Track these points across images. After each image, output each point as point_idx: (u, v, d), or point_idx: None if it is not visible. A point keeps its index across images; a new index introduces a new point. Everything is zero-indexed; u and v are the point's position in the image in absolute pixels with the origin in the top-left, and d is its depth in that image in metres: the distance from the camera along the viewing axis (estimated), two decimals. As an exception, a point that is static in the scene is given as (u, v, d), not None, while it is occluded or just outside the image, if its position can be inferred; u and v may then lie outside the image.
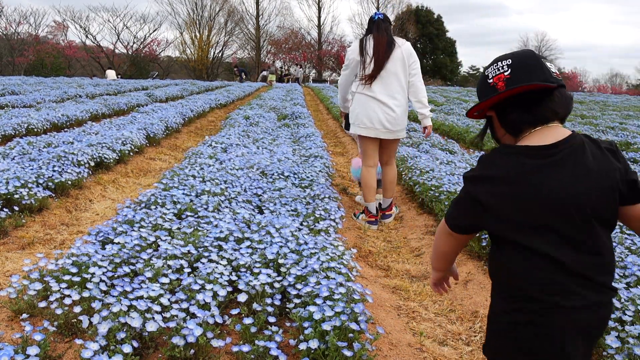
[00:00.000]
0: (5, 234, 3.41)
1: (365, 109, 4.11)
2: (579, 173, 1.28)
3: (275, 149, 6.20)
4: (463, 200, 1.38)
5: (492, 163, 1.34)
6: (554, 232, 1.27)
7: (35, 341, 1.89)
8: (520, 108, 1.35)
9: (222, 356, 2.08)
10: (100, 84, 18.44)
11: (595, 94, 33.86)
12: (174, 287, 2.41)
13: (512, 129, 1.38)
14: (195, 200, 3.62)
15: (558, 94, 1.35)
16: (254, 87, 23.55)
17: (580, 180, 1.27)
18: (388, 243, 4.02)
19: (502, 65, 1.37)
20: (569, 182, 1.27)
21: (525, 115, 1.35)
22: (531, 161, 1.28)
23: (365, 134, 4.17)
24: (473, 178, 1.35)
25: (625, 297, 2.46)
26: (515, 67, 1.35)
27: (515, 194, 1.28)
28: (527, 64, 1.35)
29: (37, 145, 5.41)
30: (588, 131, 9.57)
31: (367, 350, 1.98)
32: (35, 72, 34.94)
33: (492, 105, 1.41)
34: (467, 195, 1.36)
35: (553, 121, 1.35)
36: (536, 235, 1.27)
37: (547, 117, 1.34)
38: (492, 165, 1.34)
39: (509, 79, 1.34)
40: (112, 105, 10.79)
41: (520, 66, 1.35)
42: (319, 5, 47.44)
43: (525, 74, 1.33)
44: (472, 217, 1.36)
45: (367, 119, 4.10)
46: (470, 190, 1.35)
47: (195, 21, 45.02)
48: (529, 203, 1.27)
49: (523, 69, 1.34)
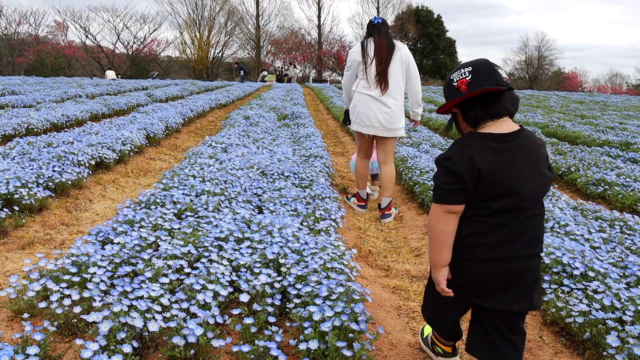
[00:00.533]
0: (5, 234, 3.41)
1: (364, 108, 4.33)
2: (528, 156, 1.69)
3: (275, 149, 6.19)
4: (447, 177, 1.69)
5: (465, 145, 1.69)
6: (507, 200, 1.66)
7: (35, 341, 1.89)
8: (479, 106, 1.73)
9: (222, 356, 2.08)
10: (100, 84, 18.44)
11: (595, 94, 33.84)
12: (174, 287, 2.41)
13: (473, 122, 1.76)
14: (195, 200, 3.62)
15: (508, 94, 1.72)
16: (254, 87, 23.55)
17: (529, 162, 1.68)
18: (388, 243, 4.02)
19: (464, 72, 1.73)
20: (522, 162, 1.67)
21: (483, 112, 1.73)
22: (495, 144, 1.68)
23: (364, 132, 4.39)
24: (451, 157, 1.69)
25: (626, 297, 2.46)
26: (474, 73, 1.71)
27: (486, 171, 1.65)
28: (484, 71, 1.71)
29: (37, 145, 5.41)
30: (588, 131, 9.56)
31: (367, 350, 1.98)
32: (35, 72, 34.94)
33: (457, 104, 1.78)
34: (448, 171, 1.68)
35: (504, 116, 1.73)
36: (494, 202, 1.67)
37: (500, 113, 1.72)
38: (467, 148, 1.68)
39: (470, 83, 1.70)
40: (112, 105, 10.78)
41: (478, 72, 1.70)
42: (319, 5, 47.46)
43: (483, 79, 1.69)
44: (458, 188, 1.67)
45: (365, 117, 4.33)
46: (450, 166, 1.68)
47: (195, 21, 45.03)
48: (492, 176, 1.65)
49: (481, 75, 1.70)
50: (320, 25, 47.34)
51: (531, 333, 2.53)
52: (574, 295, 2.57)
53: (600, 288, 2.57)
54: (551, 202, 4.47)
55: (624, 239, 3.40)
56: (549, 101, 19.80)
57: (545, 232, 3.58)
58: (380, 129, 4.32)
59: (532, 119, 11.90)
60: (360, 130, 4.39)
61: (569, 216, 3.92)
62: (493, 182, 1.65)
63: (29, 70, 36.16)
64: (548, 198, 4.60)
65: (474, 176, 1.65)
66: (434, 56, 48.08)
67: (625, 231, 3.60)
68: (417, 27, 46.26)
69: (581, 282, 2.68)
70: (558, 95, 26.57)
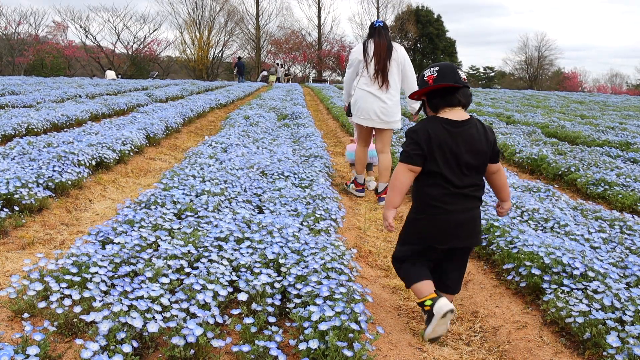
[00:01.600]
0: (5, 234, 3.41)
1: (363, 102, 4.84)
2: (468, 138, 2.32)
3: (275, 149, 6.19)
4: (411, 145, 2.34)
5: (427, 124, 2.36)
6: (454, 168, 2.31)
7: (35, 341, 1.88)
8: (439, 96, 2.36)
9: (222, 356, 2.08)
10: (100, 84, 18.44)
11: (595, 94, 33.85)
12: (174, 287, 2.41)
13: (434, 108, 2.40)
14: (195, 200, 3.62)
15: (463, 91, 2.35)
16: (254, 87, 23.55)
17: (472, 143, 2.32)
18: (388, 243, 4.02)
19: (433, 70, 2.36)
20: (466, 143, 2.31)
21: (442, 101, 2.36)
22: (448, 127, 2.32)
23: (364, 124, 4.92)
24: (416, 131, 2.35)
25: (626, 297, 2.46)
26: (440, 72, 2.33)
27: (438, 143, 2.30)
28: (447, 71, 2.33)
29: (37, 145, 5.41)
30: (588, 131, 9.56)
31: (367, 350, 1.98)
32: (35, 72, 34.94)
33: (425, 93, 2.41)
34: (413, 141, 2.34)
35: (458, 106, 2.36)
36: (444, 168, 2.31)
37: (454, 103, 2.35)
38: (427, 125, 2.34)
39: (436, 79, 2.33)
40: (112, 105, 10.78)
41: (443, 72, 2.33)
42: (319, 5, 47.46)
43: (445, 77, 2.32)
44: (418, 153, 2.32)
45: (364, 111, 4.85)
46: (415, 137, 2.34)
47: (195, 21, 45.03)
48: (444, 149, 2.30)
49: (444, 74, 2.33)
50: (320, 25, 47.36)
51: (531, 333, 2.53)
52: (574, 295, 2.57)
53: (600, 288, 2.57)
54: (551, 202, 4.47)
55: (623, 239, 3.40)
56: (549, 101, 19.80)
57: (545, 232, 3.58)
58: (378, 122, 4.83)
59: (532, 119, 11.89)
60: (360, 123, 4.90)
61: (569, 216, 3.92)
62: (441, 153, 2.30)
63: (29, 70, 36.17)
64: (548, 198, 4.61)
65: (429, 146, 2.31)
66: (434, 56, 48.08)
67: (625, 231, 3.60)
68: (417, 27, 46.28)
69: (581, 282, 2.68)
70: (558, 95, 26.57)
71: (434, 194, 2.34)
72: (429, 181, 2.35)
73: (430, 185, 2.35)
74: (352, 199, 5.24)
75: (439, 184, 2.33)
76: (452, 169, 2.31)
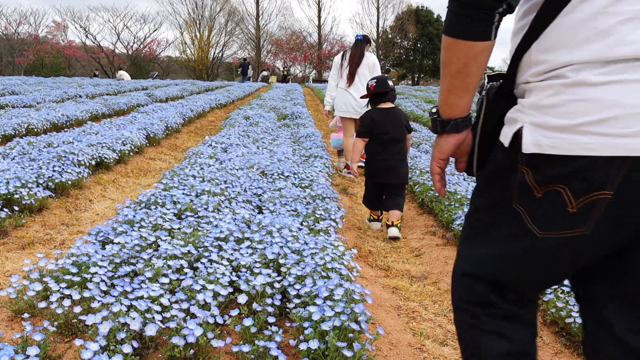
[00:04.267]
0: (5, 234, 3.41)
1: (343, 99, 6.08)
2: (394, 119, 4.15)
3: (275, 149, 6.19)
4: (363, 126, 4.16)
5: (371, 112, 4.21)
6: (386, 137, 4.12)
7: (35, 341, 1.88)
8: (377, 97, 4.21)
9: (222, 356, 2.08)
10: (100, 84, 18.43)
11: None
12: (174, 287, 2.41)
13: (374, 104, 4.24)
14: (195, 200, 3.62)
15: (390, 94, 4.20)
16: (254, 87, 23.55)
17: (394, 122, 4.14)
18: (388, 243, 4.02)
19: (373, 81, 4.23)
20: (390, 122, 4.13)
21: (378, 99, 4.21)
22: (381, 112, 4.18)
23: (346, 116, 6.13)
24: (365, 116, 4.20)
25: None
26: (377, 82, 4.21)
27: (375, 123, 4.12)
28: (381, 82, 4.21)
29: (37, 145, 5.41)
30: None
31: (367, 350, 1.98)
32: (35, 72, 34.92)
33: (370, 95, 4.25)
34: (363, 122, 4.17)
35: (387, 102, 4.20)
36: (380, 137, 4.11)
37: (385, 101, 4.19)
38: (372, 113, 4.19)
39: (375, 86, 4.20)
40: (112, 105, 10.77)
41: (379, 82, 4.21)
42: (319, 5, 47.42)
43: (380, 85, 4.19)
44: (367, 130, 4.13)
45: (343, 105, 6.09)
46: (364, 121, 4.16)
47: (195, 21, 44.98)
48: (379, 126, 4.11)
49: (380, 84, 4.19)
50: (320, 25, 47.31)
51: (531, 333, 2.53)
52: (573, 296, 2.57)
53: (600, 288, 2.56)
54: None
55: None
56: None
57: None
58: (353, 113, 6.00)
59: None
60: (341, 115, 6.15)
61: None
62: (378, 128, 4.09)
63: (29, 70, 36.15)
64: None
65: (372, 125, 4.11)
66: (434, 56, 48.02)
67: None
68: (417, 27, 46.21)
69: (581, 282, 2.68)
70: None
71: (376, 151, 4.12)
72: (373, 144, 4.13)
73: (374, 146, 4.13)
74: (352, 199, 5.24)
75: (377, 145, 4.11)
76: (384, 136, 4.09)
